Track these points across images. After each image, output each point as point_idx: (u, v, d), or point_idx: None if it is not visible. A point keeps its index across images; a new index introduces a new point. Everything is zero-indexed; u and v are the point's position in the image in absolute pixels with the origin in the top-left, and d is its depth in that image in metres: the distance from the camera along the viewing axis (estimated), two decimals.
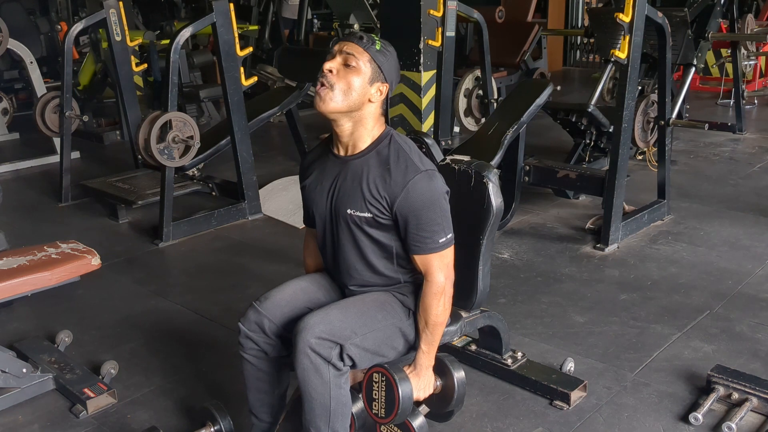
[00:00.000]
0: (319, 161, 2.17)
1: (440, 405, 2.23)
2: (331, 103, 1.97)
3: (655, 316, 3.34)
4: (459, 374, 2.16)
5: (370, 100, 2.00)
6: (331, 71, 1.97)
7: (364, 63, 1.97)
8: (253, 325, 2.13)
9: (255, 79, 5.06)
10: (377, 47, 1.99)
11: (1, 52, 5.97)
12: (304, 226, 2.36)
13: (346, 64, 1.97)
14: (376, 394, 2.08)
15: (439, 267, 2.04)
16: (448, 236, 2.04)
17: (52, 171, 5.91)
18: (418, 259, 2.05)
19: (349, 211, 2.04)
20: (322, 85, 1.97)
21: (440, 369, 2.17)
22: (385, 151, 2.03)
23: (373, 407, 2.11)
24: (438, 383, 2.18)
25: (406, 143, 2.06)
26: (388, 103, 2.08)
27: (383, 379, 2.05)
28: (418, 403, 2.19)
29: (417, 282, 2.15)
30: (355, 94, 1.97)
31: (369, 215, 2.02)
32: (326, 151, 2.15)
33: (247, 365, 2.19)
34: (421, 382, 2.12)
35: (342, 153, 2.09)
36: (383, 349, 2.07)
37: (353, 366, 2.01)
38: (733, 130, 6.65)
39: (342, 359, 1.96)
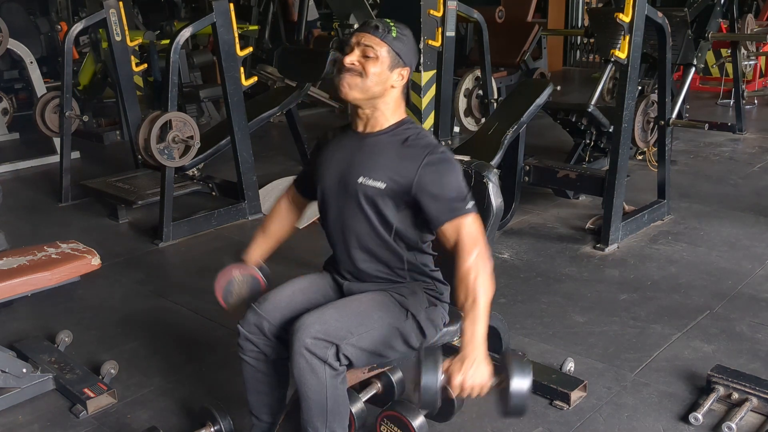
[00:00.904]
0: (336, 138, 2.19)
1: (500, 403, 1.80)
2: (356, 91, 2.00)
3: (655, 316, 3.34)
4: (524, 380, 1.71)
5: (392, 86, 2.04)
6: (353, 64, 1.99)
7: (383, 53, 1.99)
8: (253, 327, 2.13)
9: (255, 79, 5.06)
10: (394, 35, 2.01)
11: (1, 52, 5.96)
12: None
13: (365, 56, 1.99)
14: None
15: (473, 232, 1.95)
16: (473, 204, 2.01)
17: (52, 171, 5.91)
18: (450, 228, 1.96)
19: (360, 179, 2.03)
20: (349, 71, 1.99)
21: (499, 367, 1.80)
22: (403, 133, 2.07)
23: None
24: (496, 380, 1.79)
25: (423, 129, 2.12)
26: (409, 85, 2.10)
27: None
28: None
29: (416, 278, 2.15)
30: (377, 83, 2.00)
31: (381, 184, 2.01)
32: (345, 129, 2.18)
33: (247, 367, 2.19)
34: (466, 369, 1.76)
35: (361, 129, 2.11)
36: (381, 349, 2.06)
37: (350, 366, 2.00)
38: (733, 130, 6.65)
39: (338, 359, 1.96)
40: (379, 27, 2.01)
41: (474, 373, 1.77)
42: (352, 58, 2.00)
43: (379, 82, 2.00)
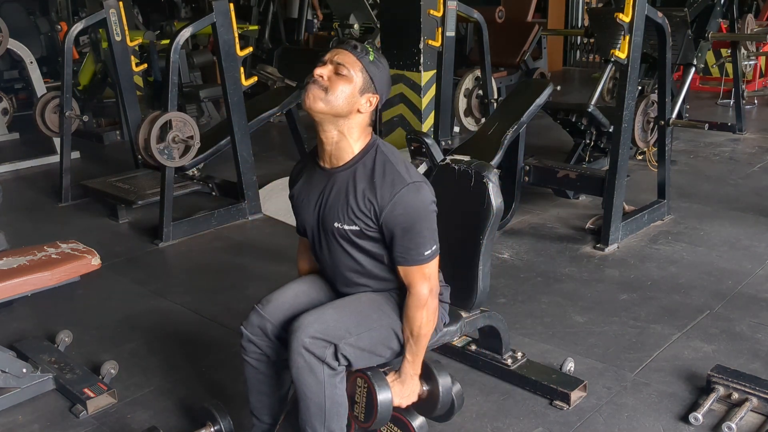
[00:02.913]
0: (306, 172, 2.16)
1: (427, 410, 2.20)
2: (319, 103, 1.93)
3: (655, 316, 3.34)
4: (444, 380, 2.14)
5: (359, 110, 1.97)
6: (321, 77, 1.95)
7: (355, 72, 1.95)
8: (256, 329, 2.13)
9: (255, 79, 5.06)
10: (371, 58, 1.97)
11: (1, 52, 5.97)
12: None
13: (337, 73, 1.95)
14: (358, 398, 2.09)
15: (423, 279, 2.02)
16: (433, 248, 2.01)
17: (52, 171, 5.91)
18: (402, 271, 2.03)
19: (336, 224, 2.02)
20: (316, 83, 1.94)
21: (426, 374, 2.15)
22: (370, 163, 2.00)
23: (355, 409, 2.11)
24: (424, 388, 2.16)
25: (392, 153, 2.03)
26: (378, 114, 2.06)
27: (365, 385, 2.05)
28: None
29: None
30: (344, 101, 1.94)
31: (356, 228, 2.00)
32: (313, 163, 2.13)
33: (249, 368, 2.19)
34: (405, 390, 2.11)
35: (327, 165, 2.06)
36: (379, 349, 2.06)
37: (349, 365, 2.00)
38: (733, 130, 6.65)
39: (337, 359, 1.96)
40: (357, 47, 1.97)
41: (408, 391, 2.12)
42: (322, 71, 1.95)
43: (346, 103, 1.93)
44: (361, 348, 2.00)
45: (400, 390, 2.10)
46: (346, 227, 2.01)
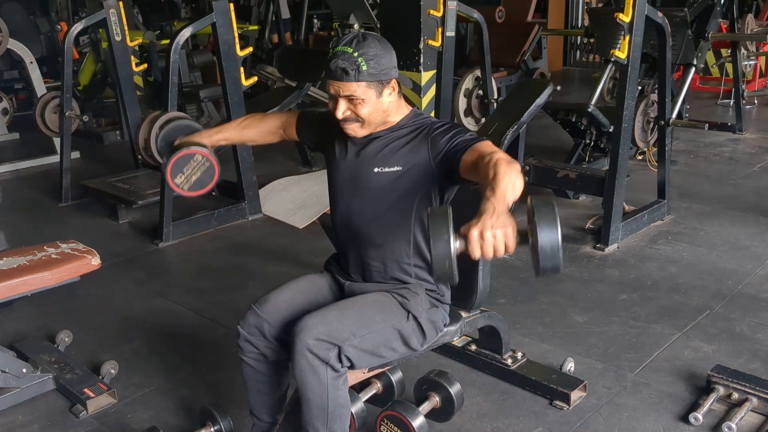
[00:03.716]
0: (339, 131, 2.17)
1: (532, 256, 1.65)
2: (361, 131, 2.07)
3: (655, 316, 3.34)
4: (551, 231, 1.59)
5: (389, 102, 2.06)
6: (346, 114, 2.03)
7: (365, 91, 1.99)
8: (253, 329, 2.13)
9: (255, 79, 5.06)
10: (364, 68, 1.96)
11: (1, 52, 5.97)
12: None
13: (351, 102, 2.01)
14: None
15: (493, 147, 1.88)
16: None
17: (52, 171, 5.91)
18: (469, 154, 1.91)
19: (376, 169, 2.07)
20: (346, 121, 2.04)
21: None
22: (410, 124, 2.11)
23: None
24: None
25: (430, 116, 2.17)
26: (400, 84, 2.10)
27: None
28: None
29: (420, 276, 2.15)
30: (376, 116, 2.05)
31: (398, 168, 2.05)
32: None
33: (247, 368, 2.19)
34: (485, 220, 1.57)
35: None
36: (381, 350, 2.06)
37: (351, 367, 2.00)
38: (733, 130, 6.65)
39: (340, 360, 1.95)
40: (348, 71, 1.95)
41: (494, 223, 1.56)
42: (342, 110, 2.02)
43: (377, 114, 2.05)
44: (364, 350, 2.00)
45: (477, 221, 1.57)
46: (386, 170, 2.07)
